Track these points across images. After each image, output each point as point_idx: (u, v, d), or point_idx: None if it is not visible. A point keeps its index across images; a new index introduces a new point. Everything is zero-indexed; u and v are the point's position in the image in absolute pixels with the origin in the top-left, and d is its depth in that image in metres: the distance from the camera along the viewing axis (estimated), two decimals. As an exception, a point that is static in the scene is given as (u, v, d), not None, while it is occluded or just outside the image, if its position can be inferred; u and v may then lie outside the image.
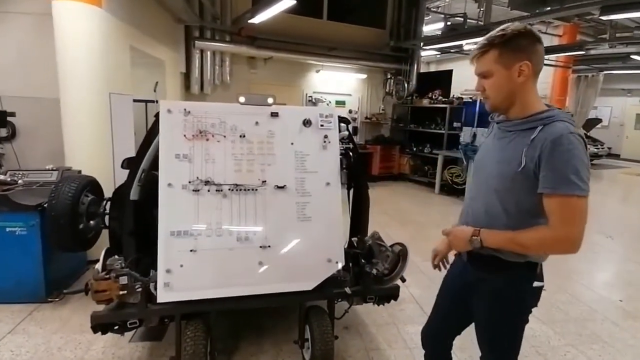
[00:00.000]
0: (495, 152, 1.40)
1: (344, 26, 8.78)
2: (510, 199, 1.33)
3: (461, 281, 1.54)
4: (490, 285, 1.42)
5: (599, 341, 2.80)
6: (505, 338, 1.46)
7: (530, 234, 1.28)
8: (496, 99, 1.36)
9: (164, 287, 1.99)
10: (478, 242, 1.35)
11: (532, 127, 1.28)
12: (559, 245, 1.26)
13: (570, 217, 1.22)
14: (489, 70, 1.32)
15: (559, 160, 1.20)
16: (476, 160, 1.54)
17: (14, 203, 2.88)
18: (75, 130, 3.65)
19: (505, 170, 1.32)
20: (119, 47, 4.15)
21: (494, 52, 1.29)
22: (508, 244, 1.31)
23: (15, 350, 2.44)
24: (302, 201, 2.24)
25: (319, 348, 2.16)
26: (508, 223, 1.33)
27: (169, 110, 2.17)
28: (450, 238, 1.47)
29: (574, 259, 4.48)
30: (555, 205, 1.23)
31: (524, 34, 1.27)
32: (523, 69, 1.27)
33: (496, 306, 1.42)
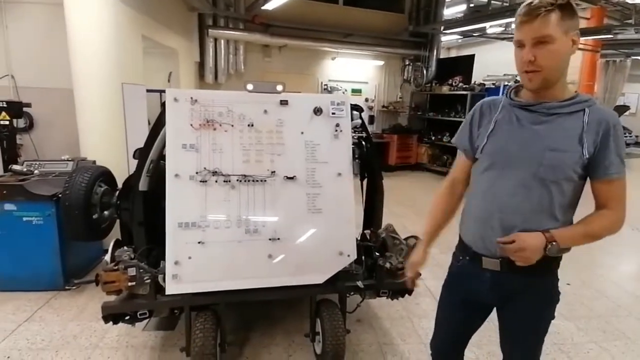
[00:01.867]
0: (542, 139, 1.21)
1: (360, 11, 8.54)
2: (558, 190, 1.22)
3: (485, 290, 1.36)
4: (533, 284, 1.30)
5: (623, 337, 2.67)
6: (541, 336, 1.39)
7: (602, 221, 1.24)
8: (552, 71, 1.16)
9: (172, 279, 1.97)
10: (556, 246, 1.18)
11: (580, 109, 1.19)
12: (619, 227, 1.25)
13: (624, 198, 1.24)
14: (551, 35, 1.11)
15: (618, 145, 1.18)
16: (496, 151, 1.29)
17: (30, 193, 2.92)
18: (89, 121, 3.66)
19: (564, 158, 1.19)
20: (132, 36, 4.13)
21: (558, 13, 1.11)
22: (579, 239, 1.25)
23: (31, 338, 2.49)
24: (312, 192, 2.16)
25: (330, 342, 2.10)
26: (555, 216, 1.23)
27: (176, 99, 2.11)
28: (526, 254, 1.19)
29: (599, 253, 4.29)
30: (618, 189, 1.22)
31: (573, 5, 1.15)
32: (575, 38, 1.15)
33: (539, 307, 1.34)
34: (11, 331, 2.54)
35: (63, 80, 3.88)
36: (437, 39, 8.80)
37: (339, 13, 8.37)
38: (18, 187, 2.92)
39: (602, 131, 1.16)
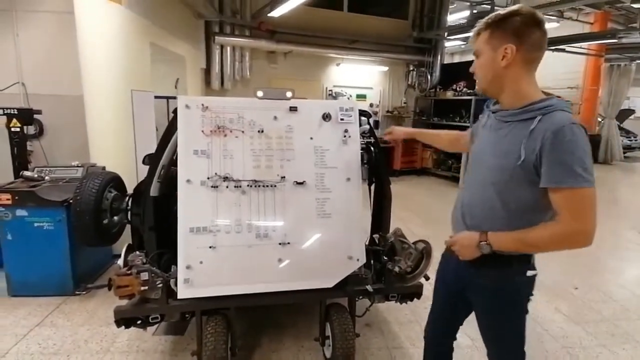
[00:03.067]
0: (492, 145, 1.32)
1: (365, 18, 8.62)
2: (509, 194, 1.26)
3: (456, 278, 1.50)
4: (487, 281, 1.37)
5: (632, 341, 2.67)
6: (509, 331, 1.43)
7: (539, 232, 1.21)
8: (482, 81, 1.33)
9: (184, 283, 1.99)
10: (488, 247, 1.26)
11: (530, 117, 1.20)
12: (572, 240, 1.19)
13: (581, 210, 1.15)
14: (478, 50, 1.30)
15: (562, 152, 1.13)
16: (473, 153, 1.46)
17: (41, 199, 2.96)
18: (99, 127, 3.72)
19: (504, 163, 1.25)
20: (140, 44, 4.20)
21: (487, 32, 1.26)
22: (518, 245, 1.25)
23: (43, 343, 2.51)
24: (322, 197, 2.18)
25: (340, 346, 2.11)
26: (509, 219, 1.27)
27: (187, 106, 2.15)
28: (457, 248, 1.36)
29: (606, 257, 4.28)
30: (564, 200, 1.16)
31: (521, 15, 1.20)
32: (507, 52, 1.21)
33: (495, 301, 1.39)
34: (23, 336, 2.57)
35: (73, 87, 3.94)
36: (440, 45, 8.85)
37: (344, 19, 8.45)
38: (29, 193, 2.96)
39: (543, 139, 1.15)
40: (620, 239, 4.96)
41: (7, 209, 2.95)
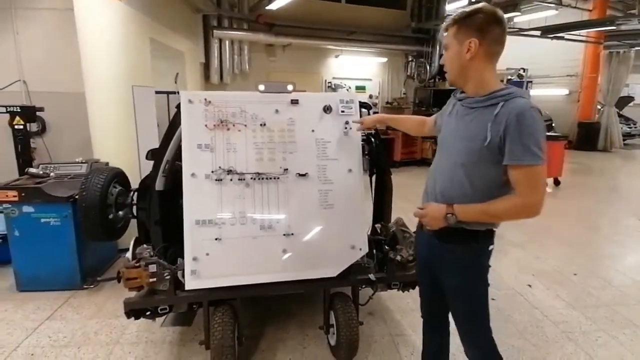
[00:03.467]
0: (460, 129, 1.45)
1: (363, 9, 8.58)
2: (476, 172, 1.39)
3: (429, 254, 1.62)
4: (458, 256, 1.49)
5: (631, 325, 2.72)
6: (478, 303, 1.53)
7: (501, 204, 1.35)
8: (450, 72, 1.47)
9: (191, 275, 2.04)
10: (453, 218, 1.39)
11: (494, 103, 1.33)
12: (527, 211, 1.34)
13: (536, 184, 1.31)
14: (447, 43, 1.43)
15: (523, 134, 1.26)
16: (440, 138, 1.60)
17: (47, 195, 3.00)
18: (101, 123, 3.75)
19: (471, 145, 1.37)
20: (140, 40, 4.21)
21: (454, 27, 1.39)
22: (481, 216, 1.39)
23: (53, 336, 2.57)
24: (324, 189, 2.22)
25: (345, 333, 2.17)
26: (475, 195, 1.39)
27: (190, 101, 2.18)
28: (426, 219, 1.48)
29: (606, 244, 4.32)
30: (522, 175, 1.30)
31: (483, 13, 1.33)
32: (471, 45, 1.34)
33: (470, 277, 1.50)
34: (33, 329, 2.63)
35: (74, 84, 3.96)
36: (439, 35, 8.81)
37: (342, 11, 8.42)
38: (36, 189, 3.00)
39: (506, 122, 1.28)
40: (620, 226, 5.01)
41: (14, 205, 3.00)
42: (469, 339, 1.57)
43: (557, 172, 7.03)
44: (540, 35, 9.19)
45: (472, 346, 1.57)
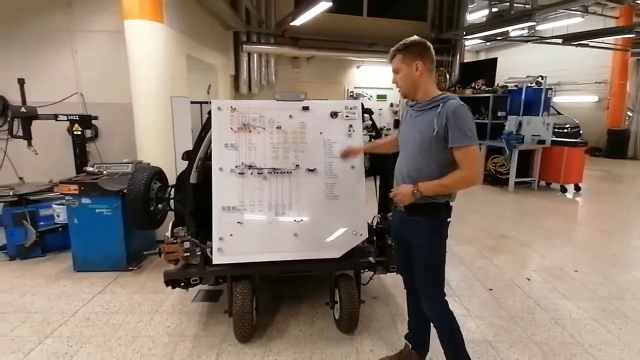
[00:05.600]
0: (415, 126, 1.90)
1: (384, 21, 8.95)
2: (430, 157, 1.83)
3: (400, 229, 2.03)
4: (423, 225, 1.89)
5: (623, 317, 2.86)
6: (437, 268, 1.92)
7: (451, 177, 1.77)
8: (403, 87, 1.92)
9: (217, 252, 2.45)
10: (419, 193, 1.80)
11: (436, 105, 1.81)
12: (470, 180, 1.79)
13: (473, 160, 1.77)
14: (397, 68, 1.89)
15: (458, 123, 1.72)
16: (400, 134, 2.05)
17: (101, 189, 3.54)
18: (145, 129, 4.30)
19: (424, 137, 1.83)
20: (178, 56, 4.77)
21: (399, 55, 1.86)
22: (438, 188, 1.80)
23: (105, 305, 3.06)
24: (330, 182, 2.59)
25: (346, 307, 2.50)
26: (432, 174, 1.81)
27: (219, 108, 2.62)
28: (398, 197, 1.87)
29: (615, 246, 4.39)
30: (463, 154, 1.75)
31: (419, 43, 1.84)
32: (418, 66, 1.83)
33: (431, 240, 1.90)
34: (88, 300, 3.14)
35: (122, 95, 4.57)
36: (459, 44, 9.02)
37: (363, 24, 8.82)
38: (93, 184, 3.56)
39: (446, 116, 1.74)
40: (635, 230, 5.02)
41: (75, 197, 3.56)
42: (426, 293, 1.95)
43: (577, 178, 6.99)
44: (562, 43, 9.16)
45: (430, 302, 1.94)
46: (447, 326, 1.93)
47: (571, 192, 7.13)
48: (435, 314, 1.95)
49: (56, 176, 4.36)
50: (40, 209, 3.99)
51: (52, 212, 3.95)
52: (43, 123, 4.20)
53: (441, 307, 1.93)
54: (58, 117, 4.26)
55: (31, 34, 4.95)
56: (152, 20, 4.14)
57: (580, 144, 7.17)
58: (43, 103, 4.45)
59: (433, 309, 1.94)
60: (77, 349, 2.48)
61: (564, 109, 11.43)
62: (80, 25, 4.97)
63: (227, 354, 2.42)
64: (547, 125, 6.96)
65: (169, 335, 2.63)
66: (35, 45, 4.97)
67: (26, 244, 3.88)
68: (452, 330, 1.93)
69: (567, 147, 6.86)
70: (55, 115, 4.23)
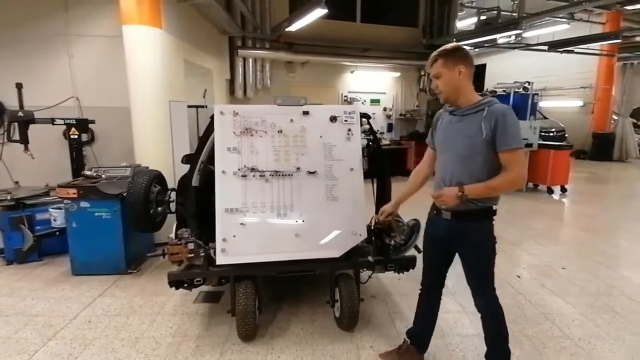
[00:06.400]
0: (459, 131, 1.92)
1: (377, 27, 9.11)
2: (475, 160, 1.86)
3: (444, 235, 2.03)
4: (471, 229, 1.94)
5: (611, 312, 2.98)
6: (489, 268, 1.98)
7: (499, 179, 1.82)
8: (445, 92, 1.93)
9: (221, 253, 2.51)
10: (465, 196, 1.81)
11: (481, 109, 1.84)
12: (517, 182, 1.82)
13: (520, 162, 1.82)
14: (439, 73, 1.91)
15: (508, 127, 1.77)
16: (439, 143, 2.07)
17: (101, 192, 3.56)
18: (143, 133, 4.34)
19: (472, 141, 1.85)
20: (175, 60, 4.82)
21: (441, 60, 1.89)
22: (484, 190, 1.84)
23: (105, 308, 3.09)
24: (330, 184, 2.68)
25: (347, 305, 2.58)
26: (477, 176, 1.85)
27: (222, 112, 2.69)
28: (442, 198, 1.88)
29: (602, 244, 4.56)
30: (512, 157, 1.79)
31: (459, 48, 1.90)
32: (461, 70, 1.86)
33: (483, 244, 1.95)
34: (88, 304, 3.16)
35: (119, 100, 4.61)
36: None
37: (357, 30, 8.97)
38: (92, 188, 3.58)
39: (494, 120, 1.78)
40: (620, 230, 5.21)
41: (73, 201, 3.58)
42: (480, 293, 2.01)
43: (563, 180, 7.20)
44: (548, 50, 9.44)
45: (482, 298, 2.01)
46: (496, 321, 2.02)
47: (557, 193, 7.34)
48: (486, 309, 2.02)
49: (51, 180, 4.36)
50: (36, 213, 3.99)
51: (48, 216, 3.97)
52: (37, 127, 4.19)
53: (492, 303, 2.00)
54: (55, 121, 4.27)
55: (28, 38, 4.95)
56: (151, 26, 4.19)
57: (565, 147, 7.39)
58: (38, 107, 4.45)
59: (485, 304, 2.01)
60: (80, 350, 2.51)
61: (550, 114, 11.77)
62: (76, 29, 4.99)
63: (231, 353, 2.47)
64: (534, 129, 7.17)
65: (172, 335, 2.68)
66: (31, 50, 4.98)
67: (24, 248, 3.88)
68: (501, 325, 2.02)
69: (553, 150, 7.09)
70: (52, 119, 4.24)
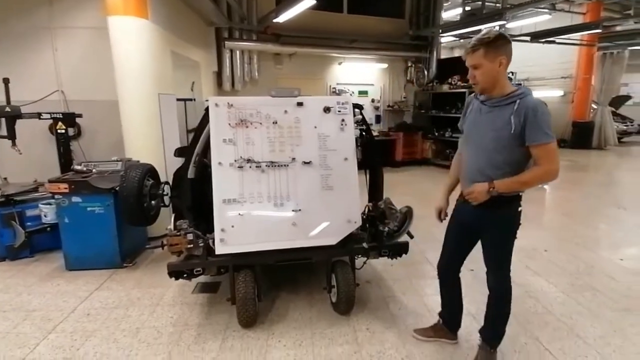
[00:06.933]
0: (488, 122, 1.91)
1: (363, 18, 9.13)
2: (505, 153, 1.87)
3: (471, 220, 2.09)
4: (497, 215, 1.98)
5: (591, 290, 3.15)
6: (508, 250, 2.05)
7: (529, 174, 1.84)
8: (482, 83, 1.89)
9: (220, 242, 2.56)
10: (495, 192, 1.86)
11: (512, 101, 1.82)
12: (550, 176, 1.82)
13: (553, 156, 1.79)
14: (478, 63, 1.85)
15: (539, 121, 1.76)
16: (468, 131, 2.07)
17: (93, 187, 3.54)
18: (132, 127, 4.30)
19: (501, 134, 1.85)
20: (163, 52, 4.75)
21: (482, 50, 1.82)
22: (516, 185, 1.86)
23: (103, 301, 3.11)
24: (325, 174, 2.74)
25: (343, 290, 2.67)
26: (506, 170, 1.86)
27: (217, 104, 2.71)
28: (474, 195, 1.92)
29: (582, 228, 4.78)
30: (543, 151, 1.79)
31: (502, 37, 1.83)
32: (502, 61, 1.83)
33: (504, 228, 2.01)
34: (85, 297, 3.17)
35: (107, 93, 4.55)
36: (436, 41, 9.32)
37: (344, 21, 8.97)
38: (83, 182, 3.55)
39: (524, 114, 1.78)
40: (599, 214, 5.45)
41: (65, 196, 3.55)
42: (495, 272, 2.09)
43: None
44: (531, 41, 9.64)
45: (497, 277, 2.09)
46: (504, 299, 2.11)
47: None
48: (499, 287, 2.10)
49: (39, 176, 4.31)
50: (26, 210, 3.94)
51: (38, 212, 3.93)
52: (23, 122, 4.12)
53: (506, 282, 2.09)
54: (42, 115, 4.20)
55: (11, 32, 4.82)
56: (137, 17, 4.13)
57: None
58: (24, 102, 4.37)
59: (498, 283, 2.09)
60: (82, 342, 2.55)
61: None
62: (60, 22, 4.88)
63: (232, 339, 2.54)
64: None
65: (172, 325, 2.73)
66: (15, 44, 4.86)
67: (15, 245, 3.84)
68: (507, 303, 2.11)
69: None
70: (38, 114, 4.17)
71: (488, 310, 2.19)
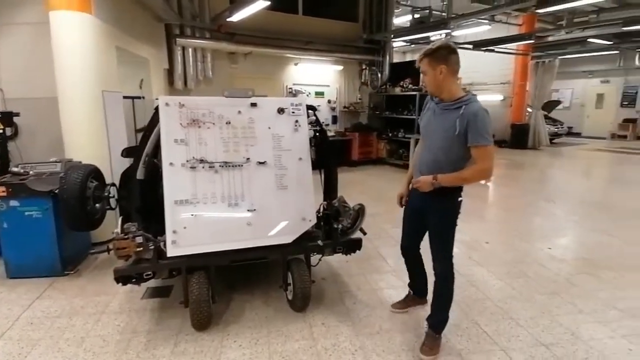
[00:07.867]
0: (439, 123, 2.16)
1: (318, 20, 9.23)
2: (449, 152, 2.13)
3: (420, 205, 2.36)
4: (440, 204, 2.23)
5: (524, 277, 3.47)
6: (449, 237, 2.29)
7: (468, 171, 2.11)
8: (430, 88, 2.20)
9: (171, 244, 2.51)
10: (438, 183, 2.11)
11: (459, 106, 2.07)
12: (485, 174, 2.10)
13: (489, 157, 2.05)
14: (424, 70, 2.15)
15: (478, 125, 2.00)
16: (423, 129, 2.35)
17: (30, 190, 3.30)
18: (73, 125, 4.05)
19: (447, 135, 2.11)
20: (107, 48, 4.52)
21: (426, 59, 2.12)
22: (456, 180, 2.14)
23: (45, 310, 2.92)
24: (279, 173, 2.78)
25: (299, 288, 2.72)
26: (449, 166, 2.12)
27: (167, 104, 2.66)
28: (419, 184, 2.19)
29: (517, 222, 5.22)
30: (480, 152, 2.04)
31: (444, 47, 2.08)
32: (442, 70, 2.07)
33: (444, 215, 2.26)
34: (27, 306, 2.96)
35: (44, 89, 4.25)
36: (389, 46, 9.64)
37: (299, 22, 9.02)
38: (21, 185, 3.30)
39: (467, 119, 2.02)
40: (532, 207, 5.97)
41: (2, 200, 3.29)
42: (438, 258, 2.30)
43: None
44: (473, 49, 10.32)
45: (440, 262, 2.30)
46: (448, 282, 2.33)
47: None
48: (443, 271, 2.31)
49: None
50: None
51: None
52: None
53: (449, 267, 2.31)
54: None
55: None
56: (80, 11, 3.92)
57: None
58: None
59: (442, 268, 2.31)
60: (28, 350, 2.43)
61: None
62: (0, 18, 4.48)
63: (185, 343, 2.50)
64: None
65: (119, 333, 2.62)
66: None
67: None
68: (450, 286, 2.33)
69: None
70: (-27, 113, 3.81)
71: (434, 299, 2.38)
